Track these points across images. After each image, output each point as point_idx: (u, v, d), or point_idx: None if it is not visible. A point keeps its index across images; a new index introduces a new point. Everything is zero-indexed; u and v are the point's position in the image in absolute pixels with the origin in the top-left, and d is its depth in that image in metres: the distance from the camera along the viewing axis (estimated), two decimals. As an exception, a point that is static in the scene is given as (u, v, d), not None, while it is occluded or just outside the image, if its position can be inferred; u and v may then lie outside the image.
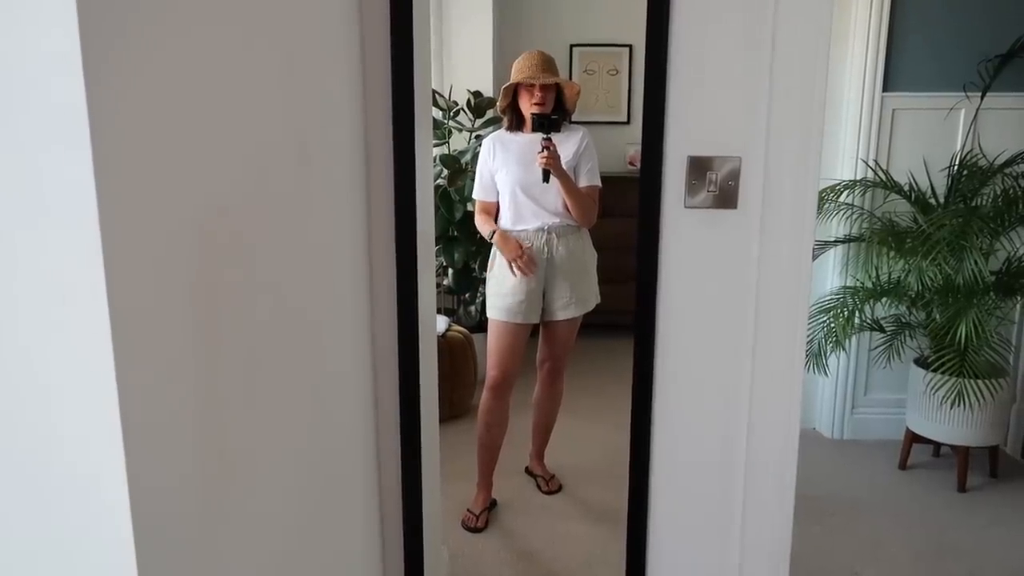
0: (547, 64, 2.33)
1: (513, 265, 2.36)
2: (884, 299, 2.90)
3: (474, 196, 2.50)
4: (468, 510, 2.43)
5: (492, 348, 2.45)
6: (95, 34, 0.59)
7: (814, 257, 2.83)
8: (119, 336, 0.63)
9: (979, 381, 2.64)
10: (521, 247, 2.36)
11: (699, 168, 1.42)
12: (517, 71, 2.34)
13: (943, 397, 2.68)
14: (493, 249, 2.45)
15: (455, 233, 3.36)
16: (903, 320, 2.97)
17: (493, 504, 2.49)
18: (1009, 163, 2.84)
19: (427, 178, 1.65)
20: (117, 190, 0.63)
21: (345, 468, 1.41)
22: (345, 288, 1.38)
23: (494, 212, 2.45)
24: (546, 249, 2.38)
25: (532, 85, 2.31)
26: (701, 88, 1.40)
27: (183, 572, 0.78)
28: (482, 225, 2.47)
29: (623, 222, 2.16)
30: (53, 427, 0.66)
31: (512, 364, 2.44)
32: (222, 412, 0.86)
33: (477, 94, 3.56)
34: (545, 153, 2.23)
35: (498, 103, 2.44)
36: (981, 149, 2.95)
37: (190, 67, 0.77)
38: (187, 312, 0.77)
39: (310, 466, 1.19)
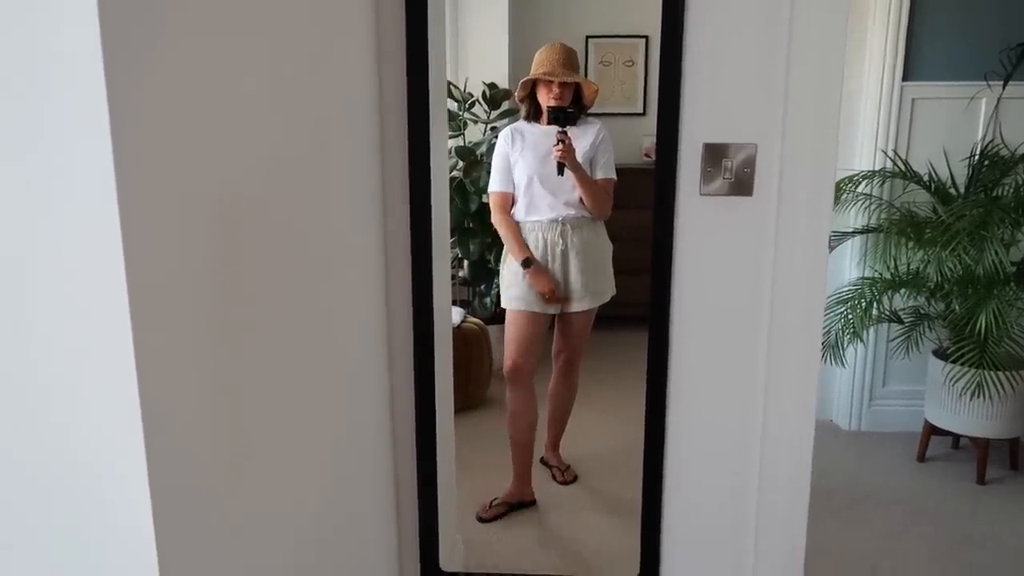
0: (568, 59, 2.32)
1: (541, 296, 2.37)
2: (902, 290, 2.87)
3: (490, 189, 2.49)
4: (491, 500, 2.41)
5: (509, 338, 2.46)
6: (116, 22, 0.60)
7: (832, 248, 2.81)
8: (139, 328, 0.64)
9: (999, 373, 2.61)
10: (553, 284, 2.37)
11: (714, 155, 1.41)
12: (537, 64, 2.34)
13: (962, 389, 2.66)
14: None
15: (470, 224, 3.36)
16: (922, 311, 2.94)
17: (529, 504, 2.43)
18: (1031, 153, 2.80)
19: (442, 170, 1.65)
20: (136, 181, 0.64)
21: (361, 458, 1.43)
22: (360, 280, 1.39)
23: (510, 207, 2.44)
24: (561, 241, 2.38)
25: (551, 81, 2.31)
26: (717, 74, 1.39)
27: (202, 564, 0.79)
28: (510, 240, 2.41)
29: (639, 213, 2.15)
30: (72, 424, 0.67)
31: (529, 353, 2.45)
32: (238, 404, 0.87)
33: (492, 86, 3.55)
34: (560, 146, 2.23)
35: (516, 93, 2.44)
36: (1003, 139, 2.91)
37: (207, 56, 0.77)
38: (205, 302, 0.78)
39: (326, 456, 1.20)
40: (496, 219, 2.47)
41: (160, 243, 0.69)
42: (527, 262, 2.38)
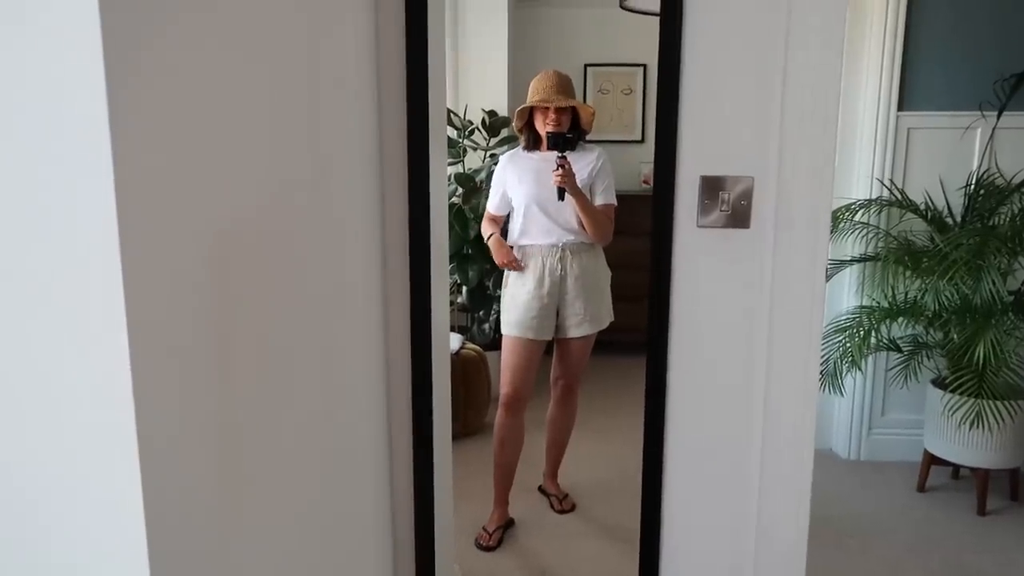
0: (563, 85, 2.34)
1: (507, 267, 2.44)
2: (900, 319, 2.87)
3: (487, 208, 2.53)
4: (483, 528, 2.42)
5: (506, 364, 2.45)
6: (117, 46, 0.60)
7: (830, 276, 2.82)
8: (136, 346, 0.64)
9: (998, 402, 2.60)
10: (512, 256, 2.42)
11: (712, 188, 1.42)
12: (533, 92, 2.36)
13: (961, 418, 2.65)
14: (507, 267, 2.46)
15: (469, 251, 3.38)
16: (920, 340, 2.94)
17: (510, 523, 2.48)
18: (1026, 182, 2.82)
19: (441, 196, 1.66)
20: (137, 203, 0.64)
21: (357, 485, 1.42)
22: (358, 305, 1.39)
23: (501, 223, 2.48)
24: (559, 266, 2.39)
25: (547, 108, 2.32)
26: (714, 108, 1.40)
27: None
28: (486, 229, 2.53)
29: (637, 240, 2.16)
30: (69, 435, 0.67)
31: (526, 381, 2.44)
32: (235, 429, 0.87)
33: (492, 113, 3.58)
34: (560, 171, 2.24)
35: (514, 123, 2.46)
36: (998, 168, 2.93)
37: (211, 83, 0.78)
38: (203, 326, 0.78)
39: (322, 482, 1.19)
40: (484, 225, 2.55)
41: (159, 268, 0.69)
42: (491, 236, 2.47)
